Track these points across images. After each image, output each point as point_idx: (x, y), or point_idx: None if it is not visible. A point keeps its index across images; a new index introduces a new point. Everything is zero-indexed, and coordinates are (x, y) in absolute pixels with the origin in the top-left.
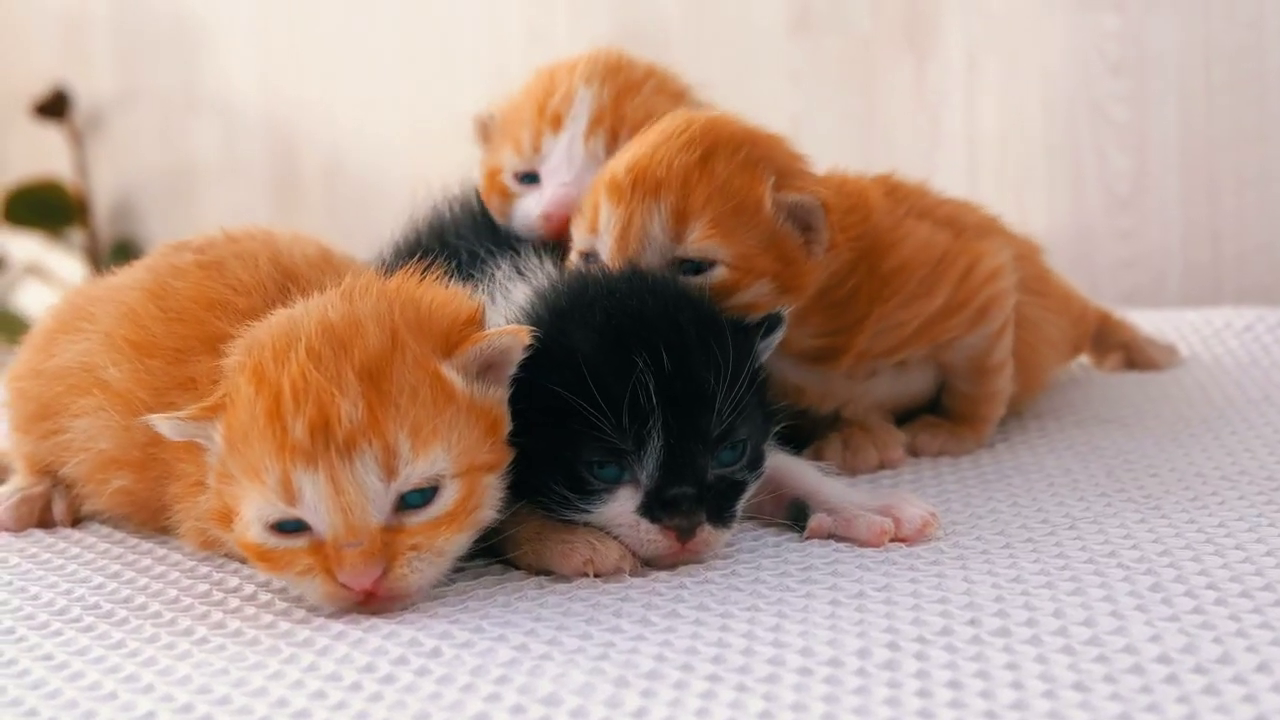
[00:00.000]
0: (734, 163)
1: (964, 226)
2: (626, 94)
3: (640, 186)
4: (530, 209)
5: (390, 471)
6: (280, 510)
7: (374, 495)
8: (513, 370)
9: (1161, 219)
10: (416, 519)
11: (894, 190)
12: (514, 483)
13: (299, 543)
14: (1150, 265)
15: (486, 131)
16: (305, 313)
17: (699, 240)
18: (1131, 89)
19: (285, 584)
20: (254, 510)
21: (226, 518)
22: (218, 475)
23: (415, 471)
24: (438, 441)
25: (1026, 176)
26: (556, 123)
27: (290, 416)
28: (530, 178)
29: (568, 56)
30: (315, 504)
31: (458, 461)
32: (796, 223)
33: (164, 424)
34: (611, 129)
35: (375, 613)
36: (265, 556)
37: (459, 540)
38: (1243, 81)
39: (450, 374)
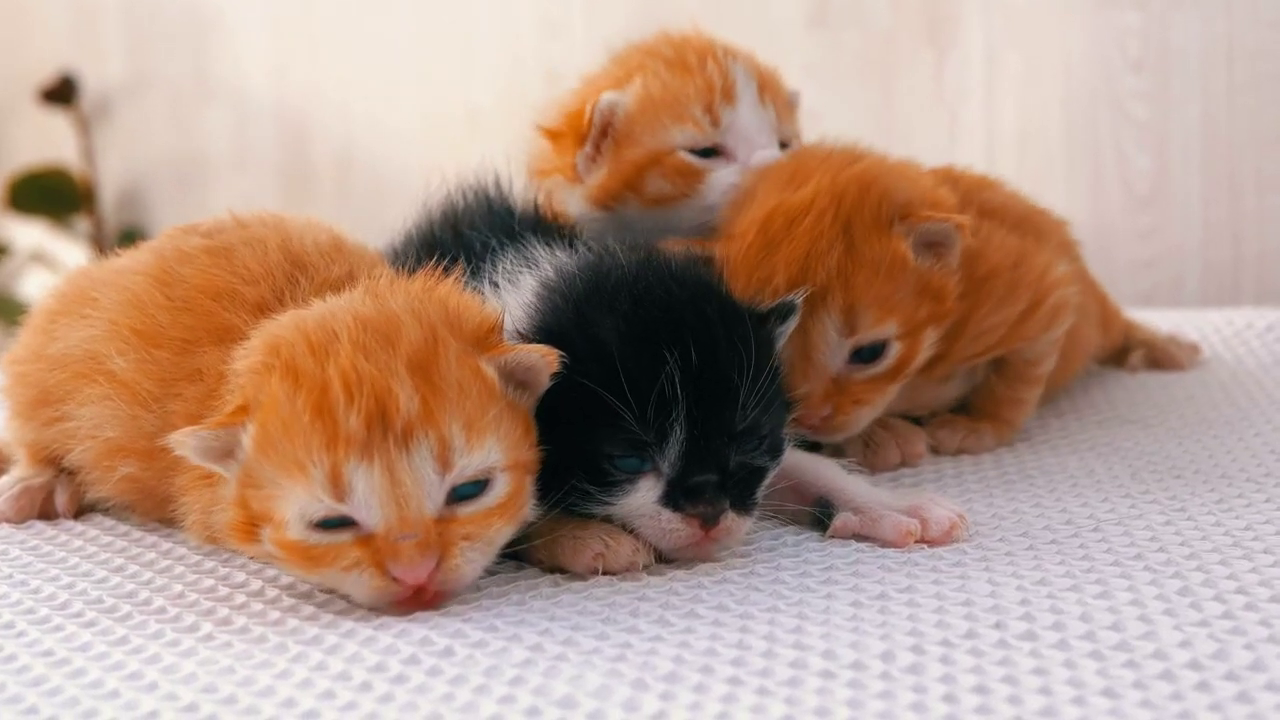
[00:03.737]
0: (871, 227)
1: (1028, 228)
2: (751, 61)
3: (807, 297)
4: (727, 179)
5: (445, 463)
6: (326, 506)
7: (429, 487)
8: (540, 391)
9: (1182, 218)
10: (467, 510)
11: (960, 188)
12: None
13: (344, 538)
14: (1169, 265)
15: (608, 121)
16: (334, 309)
17: (871, 326)
18: (1152, 87)
19: (325, 582)
20: (296, 509)
21: (250, 528)
22: (241, 482)
23: (471, 463)
24: (489, 434)
25: (1046, 174)
26: (729, 94)
27: (342, 409)
28: (709, 152)
29: (640, 41)
30: (367, 497)
31: (507, 455)
32: (930, 249)
33: (188, 443)
34: (771, 95)
35: (419, 610)
36: (308, 554)
37: (507, 532)
38: (1265, 80)
39: (490, 371)
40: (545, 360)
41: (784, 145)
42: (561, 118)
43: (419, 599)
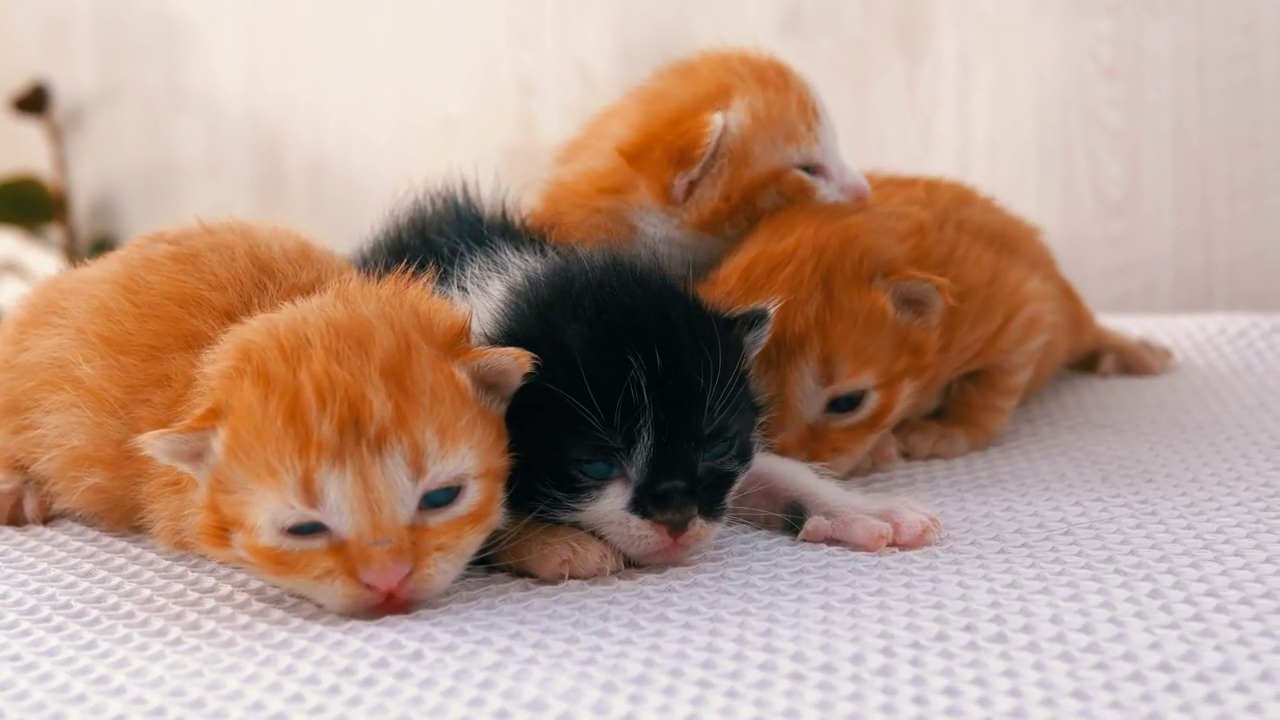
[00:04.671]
0: (852, 281)
1: (1003, 243)
2: None
3: (782, 344)
4: (832, 196)
5: (419, 470)
6: (298, 513)
7: (403, 493)
8: (510, 394)
9: (1154, 225)
10: (439, 519)
11: (937, 205)
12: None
13: (316, 544)
14: (1142, 271)
15: (722, 142)
16: (305, 314)
17: (848, 377)
18: (1124, 94)
19: (296, 589)
20: (268, 514)
21: (220, 533)
22: (212, 487)
23: (443, 470)
24: (463, 441)
25: (1018, 181)
26: (816, 112)
27: (314, 415)
28: (808, 169)
29: (692, 58)
30: (340, 503)
31: (480, 462)
32: (911, 305)
33: (157, 445)
34: None
35: (389, 613)
36: (279, 560)
37: (478, 541)
38: (1237, 87)
39: (463, 376)
40: (517, 363)
41: None
42: (639, 136)
43: (389, 605)
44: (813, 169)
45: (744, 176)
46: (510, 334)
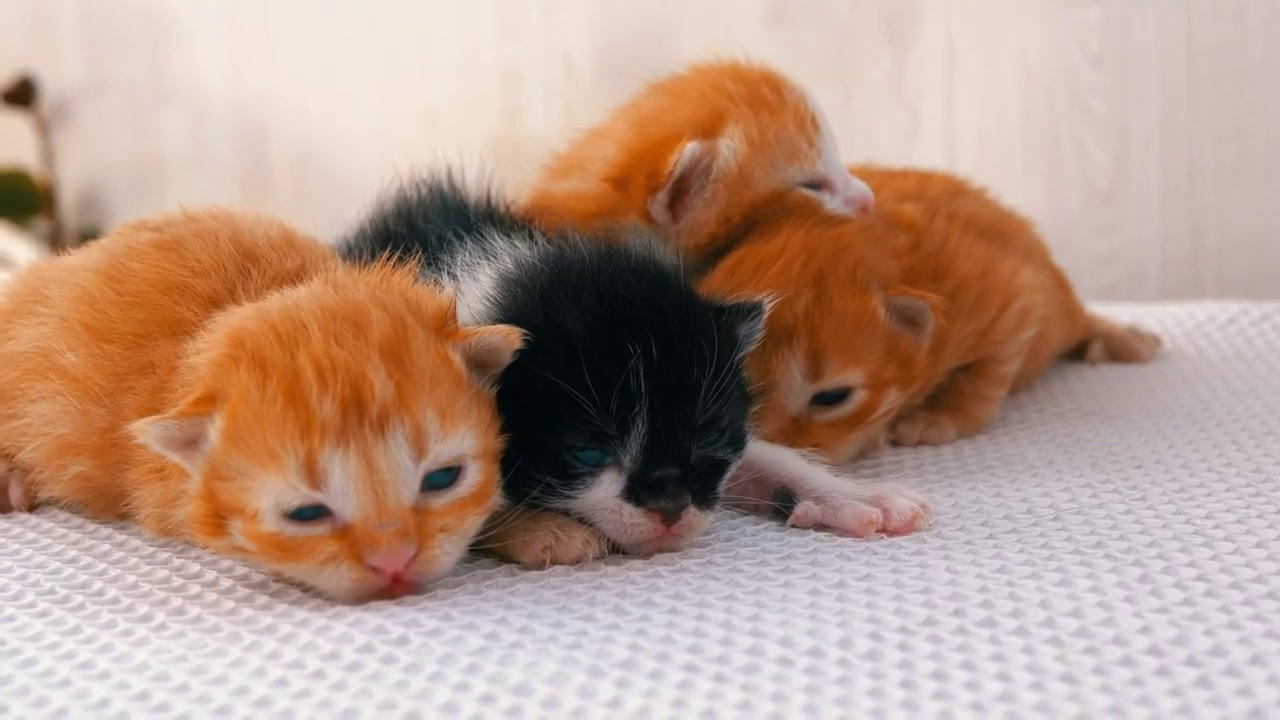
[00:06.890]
0: (845, 283)
1: (994, 234)
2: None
3: (769, 337)
4: (838, 210)
5: (420, 450)
6: (303, 495)
7: (406, 475)
8: (499, 371)
9: (1141, 213)
10: (441, 500)
11: (928, 197)
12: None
13: (320, 529)
14: (1130, 259)
15: (690, 171)
16: (296, 300)
17: (835, 373)
18: (1112, 82)
19: (299, 575)
20: (270, 499)
21: (216, 521)
22: (207, 475)
23: (444, 451)
24: (462, 421)
25: (1006, 170)
26: (816, 125)
27: (315, 396)
28: (813, 184)
29: (683, 75)
30: (344, 485)
31: (479, 442)
32: (904, 320)
33: (150, 432)
34: None
35: (391, 598)
36: (282, 547)
37: (479, 522)
38: (1224, 75)
39: (457, 358)
40: (507, 339)
41: None
42: (628, 157)
43: (393, 588)
44: (817, 184)
45: (744, 199)
46: (508, 319)
